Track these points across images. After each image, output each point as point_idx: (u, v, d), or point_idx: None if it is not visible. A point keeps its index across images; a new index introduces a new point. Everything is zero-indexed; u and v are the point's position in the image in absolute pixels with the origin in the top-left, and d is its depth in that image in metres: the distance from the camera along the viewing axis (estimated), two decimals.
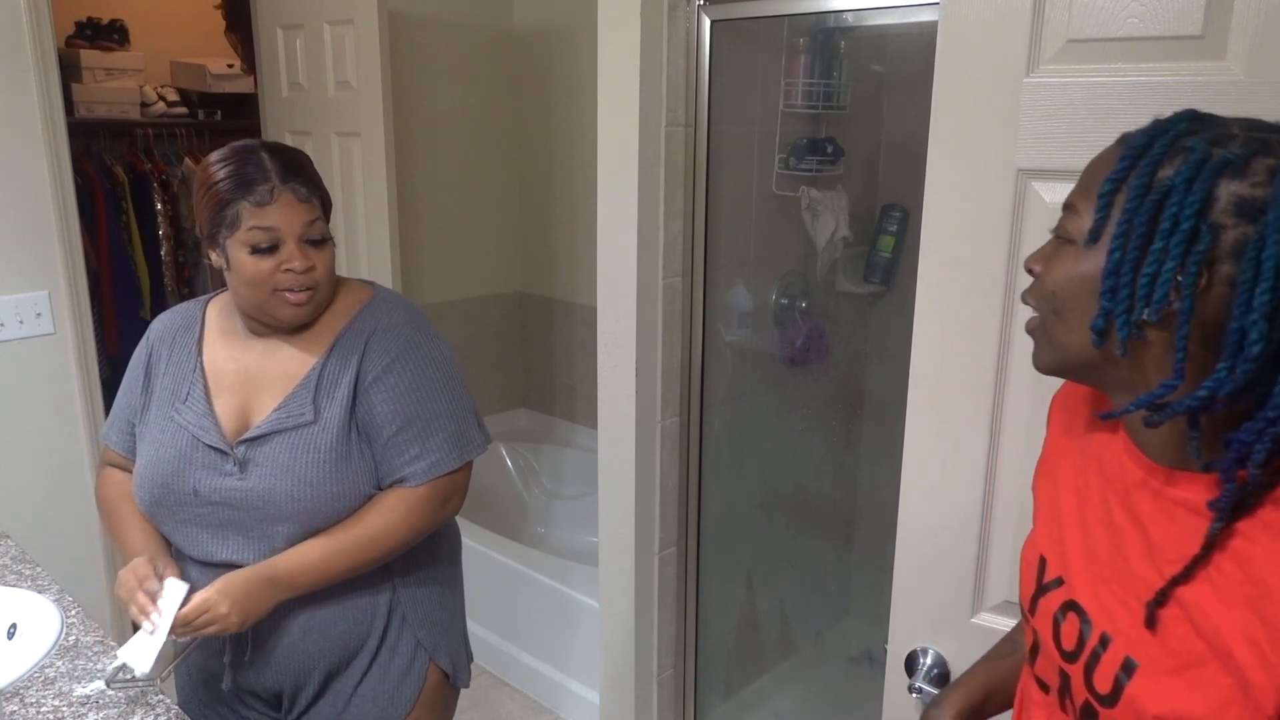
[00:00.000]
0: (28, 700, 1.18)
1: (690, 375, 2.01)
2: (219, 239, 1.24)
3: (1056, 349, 0.73)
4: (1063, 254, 0.72)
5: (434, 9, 3.15)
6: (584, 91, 3.04)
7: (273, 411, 1.28)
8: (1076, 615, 0.74)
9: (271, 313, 1.26)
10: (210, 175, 1.24)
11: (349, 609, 1.32)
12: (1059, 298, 0.71)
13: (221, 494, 1.25)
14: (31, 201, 2.34)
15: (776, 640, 2.60)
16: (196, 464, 1.27)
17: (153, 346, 1.37)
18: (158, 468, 1.28)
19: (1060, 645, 0.75)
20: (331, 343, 1.31)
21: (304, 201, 1.24)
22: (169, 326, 1.37)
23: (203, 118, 4.08)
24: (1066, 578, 0.76)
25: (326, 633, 1.31)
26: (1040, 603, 0.79)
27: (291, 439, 1.26)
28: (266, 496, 1.24)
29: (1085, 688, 0.72)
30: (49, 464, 2.47)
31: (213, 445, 1.27)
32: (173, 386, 1.32)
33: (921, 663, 1.23)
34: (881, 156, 2.43)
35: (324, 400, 1.28)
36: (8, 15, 2.25)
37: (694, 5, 1.80)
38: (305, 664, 1.32)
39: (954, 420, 1.16)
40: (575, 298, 3.44)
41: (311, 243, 1.25)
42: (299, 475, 1.25)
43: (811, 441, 2.57)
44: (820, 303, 2.42)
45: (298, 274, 1.23)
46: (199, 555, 1.29)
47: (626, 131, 1.82)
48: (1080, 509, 0.78)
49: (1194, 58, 0.96)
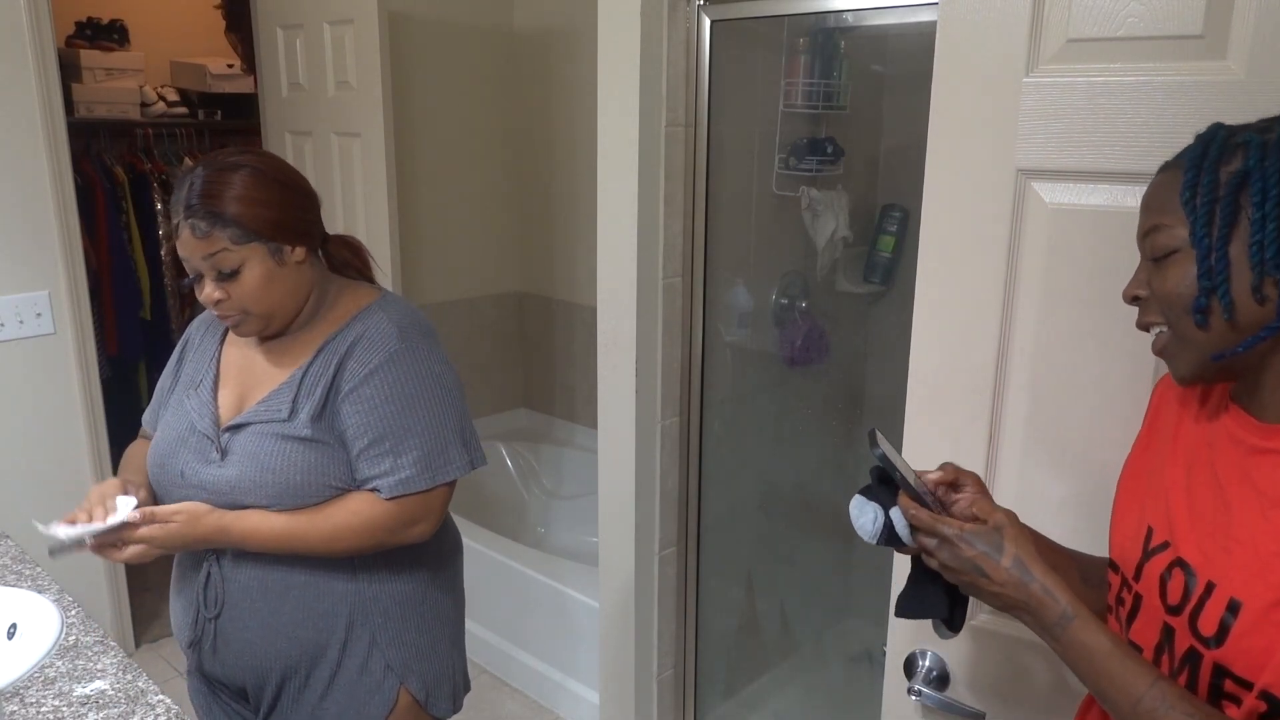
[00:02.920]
0: (28, 700, 1.18)
1: (690, 375, 2.01)
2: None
3: (1198, 349, 0.77)
4: (1169, 265, 0.78)
5: (434, 9, 3.15)
6: (584, 91, 3.04)
7: (257, 404, 1.33)
8: (1182, 570, 0.79)
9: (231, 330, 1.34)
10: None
11: (309, 615, 1.34)
12: (1186, 299, 0.76)
13: (201, 479, 1.31)
14: (31, 201, 2.34)
15: (776, 640, 2.60)
16: (190, 448, 1.33)
17: (189, 336, 1.46)
18: (159, 447, 1.36)
19: (1165, 601, 0.80)
20: (319, 346, 1.33)
21: (201, 238, 1.22)
22: (205, 320, 1.46)
23: (203, 118, 4.08)
24: (1173, 540, 0.81)
25: (285, 634, 1.34)
26: (1146, 567, 0.83)
27: (264, 430, 1.30)
28: (235, 483, 1.29)
29: (1190, 634, 0.77)
30: (49, 464, 2.47)
31: (205, 432, 1.33)
32: (192, 374, 1.40)
33: (920, 665, 1.23)
34: (881, 156, 2.43)
35: (303, 400, 1.31)
36: (8, 15, 2.25)
37: (694, 5, 1.80)
38: (263, 662, 1.35)
39: (954, 420, 1.16)
40: (575, 298, 3.44)
41: (223, 275, 1.24)
42: (264, 463, 1.28)
43: (811, 441, 2.57)
44: (820, 303, 2.42)
45: (212, 305, 1.28)
46: None
47: (626, 131, 1.82)
48: (1188, 480, 0.82)
49: (1194, 57, 0.96)
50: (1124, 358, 1.04)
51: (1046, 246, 1.06)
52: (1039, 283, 1.08)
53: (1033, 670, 1.17)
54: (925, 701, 1.22)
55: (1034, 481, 1.12)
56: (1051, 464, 1.11)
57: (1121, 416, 1.06)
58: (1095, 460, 1.08)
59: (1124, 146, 1.00)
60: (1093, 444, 1.08)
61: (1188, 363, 0.79)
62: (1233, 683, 0.73)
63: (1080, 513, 1.10)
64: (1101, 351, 1.06)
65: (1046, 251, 1.07)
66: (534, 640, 2.66)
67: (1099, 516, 1.09)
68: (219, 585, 1.34)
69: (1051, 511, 1.12)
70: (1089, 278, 1.05)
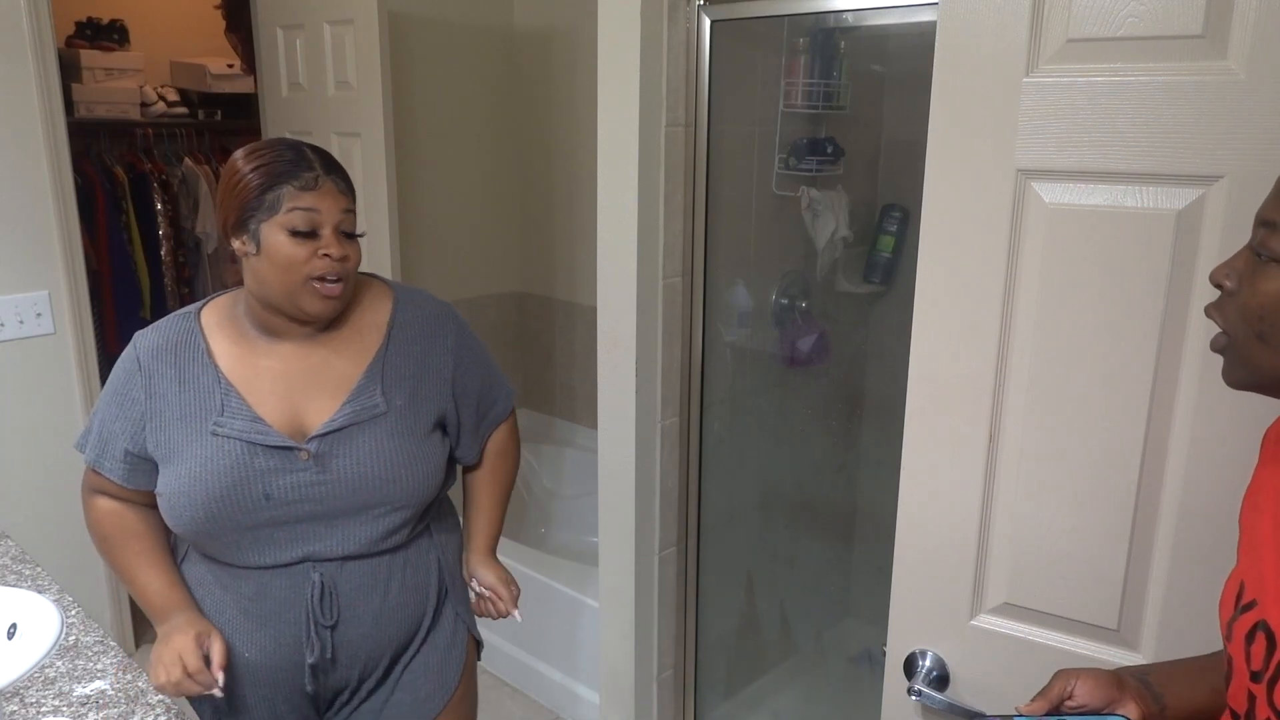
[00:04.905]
0: (28, 700, 1.18)
1: (690, 375, 2.01)
2: (250, 224, 1.23)
3: (1257, 371, 0.71)
4: (1268, 272, 0.69)
5: (434, 9, 3.15)
6: (584, 91, 3.04)
7: (344, 405, 1.29)
8: (1265, 635, 0.72)
9: (299, 304, 1.25)
10: (255, 159, 1.24)
11: (412, 590, 1.37)
12: (1267, 320, 0.69)
13: (299, 491, 1.26)
14: (31, 201, 2.34)
15: (776, 640, 2.60)
16: (260, 469, 1.25)
17: (146, 368, 1.29)
18: (211, 483, 1.24)
19: (1250, 665, 0.74)
20: (385, 336, 1.35)
21: (343, 193, 1.26)
22: (160, 345, 1.30)
23: (203, 118, 4.08)
24: (1260, 600, 0.75)
25: (393, 617, 1.35)
26: (1234, 626, 0.77)
27: (370, 429, 1.29)
28: (358, 484, 1.27)
29: (1268, 705, 0.71)
30: (49, 464, 2.47)
31: (276, 445, 1.26)
32: (197, 403, 1.27)
33: (921, 665, 1.23)
34: (881, 156, 2.43)
35: (392, 390, 1.32)
36: (8, 15, 2.25)
37: (694, 5, 1.80)
38: (377, 652, 1.36)
39: (954, 420, 1.16)
40: (575, 298, 3.44)
41: (346, 235, 1.26)
42: (389, 459, 1.29)
43: (811, 441, 2.57)
44: (820, 303, 2.42)
45: (333, 261, 1.23)
46: (265, 561, 1.29)
47: (626, 131, 1.82)
48: (1277, 533, 0.76)
49: (1194, 57, 0.96)
50: (1125, 357, 1.04)
51: (1046, 246, 1.06)
52: (1039, 283, 1.08)
53: (1033, 670, 1.17)
54: (925, 701, 1.22)
55: (1034, 481, 1.12)
56: (1051, 464, 1.11)
57: (1122, 416, 1.06)
58: (1095, 460, 1.08)
59: (1124, 146, 1.00)
60: (1093, 444, 1.08)
61: (1240, 376, 0.73)
62: None
63: (1080, 513, 1.10)
64: (1102, 351, 1.05)
65: (1046, 251, 1.06)
66: (534, 640, 2.66)
67: (1099, 516, 1.09)
68: (332, 592, 1.30)
69: (1051, 511, 1.12)
70: (1089, 278, 1.05)
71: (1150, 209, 1.00)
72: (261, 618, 1.30)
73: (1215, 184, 0.96)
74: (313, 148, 1.28)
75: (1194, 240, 0.98)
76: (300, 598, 1.30)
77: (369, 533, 1.30)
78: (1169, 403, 1.03)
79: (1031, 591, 1.15)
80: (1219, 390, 0.82)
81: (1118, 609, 1.10)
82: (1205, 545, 1.03)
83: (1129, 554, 1.08)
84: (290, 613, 1.30)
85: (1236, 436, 0.98)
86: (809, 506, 2.61)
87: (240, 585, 1.30)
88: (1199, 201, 0.98)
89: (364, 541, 1.31)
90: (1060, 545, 1.12)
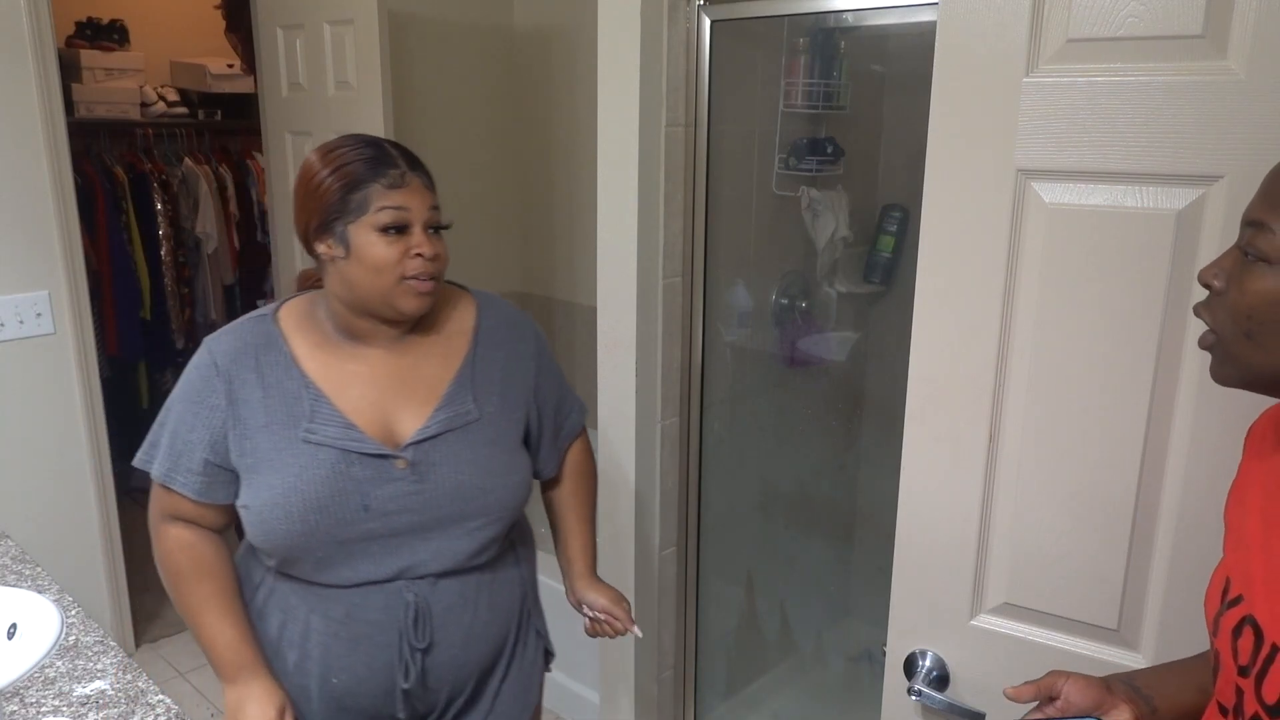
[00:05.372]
0: (28, 700, 1.18)
1: (690, 375, 2.01)
2: (336, 227, 1.19)
3: (1245, 369, 0.72)
4: (1256, 272, 0.70)
5: (434, 9, 3.15)
6: (584, 91, 3.04)
7: (436, 411, 1.25)
8: (1252, 629, 0.73)
9: (394, 304, 1.21)
10: (335, 159, 1.20)
11: (499, 610, 1.33)
12: (1255, 320, 0.70)
13: (398, 501, 1.21)
14: (31, 201, 2.34)
15: (776, 640, 2.60)
16: (357, 478, 1.19)
17: (225, 371, 1.22)
18: (307, 494, 1.18)
19: (1237, 660, 0.75)
20: (472, 342, 1.32)
21: (429, 189, 1.24)
22: (238, 348, 1.24)
23: (203, 118, 4.08)
24: (1246, 595, 0.76)
25: (481, 637, 1.31)
26: (1221, 621, 0.78)
27: (464, 436, 1.25)
28: (456, 494, 1.23)
29: (1255, 699, 0.71)
30: (49, 464, 2.47)
31: (372, 453, 1.20)
32: (284, 409, 1.21)
33: (921, 665, 1.23)
34: (881, 156, 2.43)
35: (482, 397, 1.29)
36: (8, 15, 2.25)
37: (694, 5, 1.80)
38: (464, 674, 1.31)
39: (954, 421, 1.16)
40: (575, 298, 3.44)
41: (435, 230, 1.24)
42: (485, 467, 1.25)
43: (811, 441, 2.57)
44: (820, 303, 2.42)
45: (426, 260, 1.20)
46: (358, 577, 1.22)
47: (626, 131, 1.82)
48: (1265, 528, 0.77)
49: (1194, 57, 0.96)
50: (1125, 357, 1.04)
51: (1046, 246, 1.06)
52: (1039, 283, 1.08)
53: (1033, 670, 1.17)
54: (925, 701, 1.22)
55: (1034, 481, 1.12)
56: (1052, 464, 1.11)
57: (1122, 416, 1.06)
58: (1096, 460, 1.08)
59: (1124, 146, 1.00)
60: (1093, 444, 1.08)
61: (1228, 373, 0.74)
62: None
63: (1080, 512, 1.10)
64: (1102, 351, 1.05)
65: (1046, 251, 1.06)
66: None
67: (1099, 516, 1.09)
68: (426, 612, 1.24)
69: (1051, 511, 1.12)
70: (1089, 278, 1.05)
71: (1150, 209, 1.00)
72: (352, 641, 1.23)
73: (1215, 184, 0.96)
74: (391, 143, 1.25)
75: (1194, 240, 0.98)
76: (393, 619, 1.23)
77: (464, 546, 1.25)
78: (1169, 403, 1.03)
79: (1031, 591, 1.15)
80: (1218, 390, 0.82)
81: (1118, 609, 1.10)
82: (1205, 545, 1.03)
83: (1129, 554, 1.08)
84: (382, 635, 1.23)
85: (1236, 436, 0.98)
86: (809, 506, 2.61)
87: (329, 607, 1.23)
88: (1199, 201, 0.98)
89: (459, 556, 1.25)
90: (1060, 545, 1.12)
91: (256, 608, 1.29)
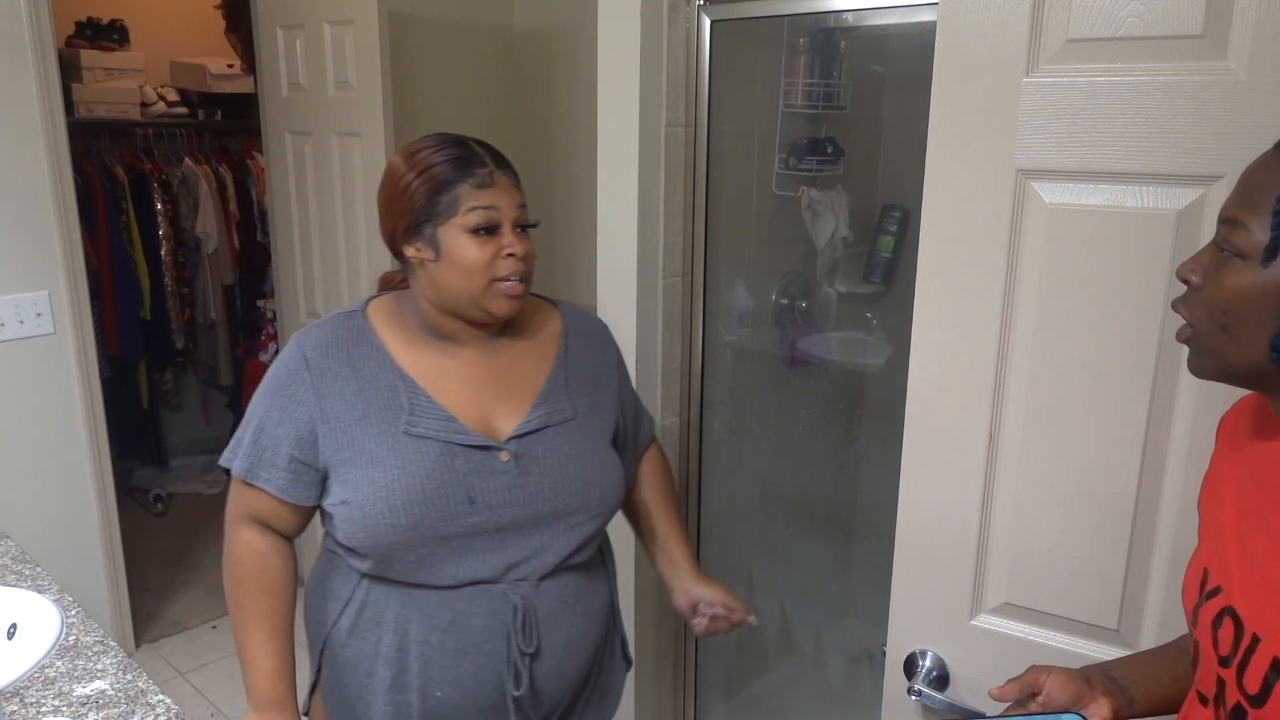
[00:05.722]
0: (28, 700, 1.18)
1: (690, 375, 2.01)
2: (425, 230, 1.18)
3: (1221, 362, 0.73)
4: (1231, 267, 0.71)
5: (434, 9, 3.15)
6: (584, 91, 3.04)
7: (534, 407, 1.25)
8: (1232, 620, 0.74)
9: (485, 306, 1.20)
10: (421, 161, 1.19)
11: (595, 616, 1.32)
12: (1230, 314, 0.71)
13: (502, 495, 1.19)
14: (31, 201, 2.34)
15: (776, 640, 2.60)
16: (461, 470, 1.18)
17: (315, 366, 1.21)
18: (411, 486, 1.16)
19: (1217, 650, 0.76)
20: (563, 344, 1.33)
21: (517, 187, 1.23)
22: (328, 342, 1.23)
23: (203, 118, 4.08)
24: (1225, 586, 0.77)
25: (580, 643, 1.29)
26: (1200, 612, 0.79)
27: (563, 431, 1.26)
28: (558, 487, 1.22)
29: (1237, 689, 0.73)
30: (49, 464, 2.47)
31: (476, 445, 1.19)
32: (381, 402, 1.19)
33: (921, 665, 1.23)
34: (881, 156, 2.42)
35: (575, 397, 1.30)
36: (8, 15, 2.25)
37: (694, 5, 1.80)
38: (564, 681, 1.28)
39: (953, 421, 1.16)
40: (575, 297, 3.40)
41: (522, 229, 1.23)
42: (586, 462, 1.26)
43: (811, 441, 2.57)
44: (820, 303, 2.42)
45: (517, 260, 1.19)
46: (463, 575, 1.19)
47: (626, 131, 1.82)
48: (1240, 519, 0.78)
49: (1194, 57, 0.96)
50: (1125, 358, 1.04)
51: (1046, 246, 1.06)
52: (1039, 283, 1.08)
53: None
54: (925, 701, 1.22)
55: (1034, 481, 1.12)
56: (1051, 464, 1.11)
57: (1122, 417, 1.06)
58: (1095, 460, 1.08)
59: (1124, 146, 1.00)
60: (1093, 444, 1.08)
61: (1205, 365, 0.75)
62: None
63: (1080, 513, 1.10)
64: (1102, 351, 1.05)
65: (1046, 251, 1.07)
66: None
67: (1098, 516, 1.09)
68: (532, 617, 1.22)
69: (1051, 511, 1.12)
70: (1089, 278, 1.05)
71: (1150, 209, 1.00)
72: (460, 650, 1.20)
73: (1215, 184, 0.96)
74: (477, 141, 1.24)
75: (1194, 240, 0.98)
76: (500, 624, 1.20)
77: (565, 543, 1.24)
78: (1169, 402, 1.03)
79: (1031, 591, 1.15)
80: (1218, 390, 0.82)
81: (1117, 609, 1.10)
82: None
83: (1129, 554, 1.08)
84: (490, 643, 1.20)
85: None
86: (809, 506, 2.61)
87: (434, 614, 1.20)
88: (1199, 201, 0.98)
89: (561, 553, 1.23)
90: (1060, 545, 1.12)
91: (346, 628, 1.24)
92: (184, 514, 3.91)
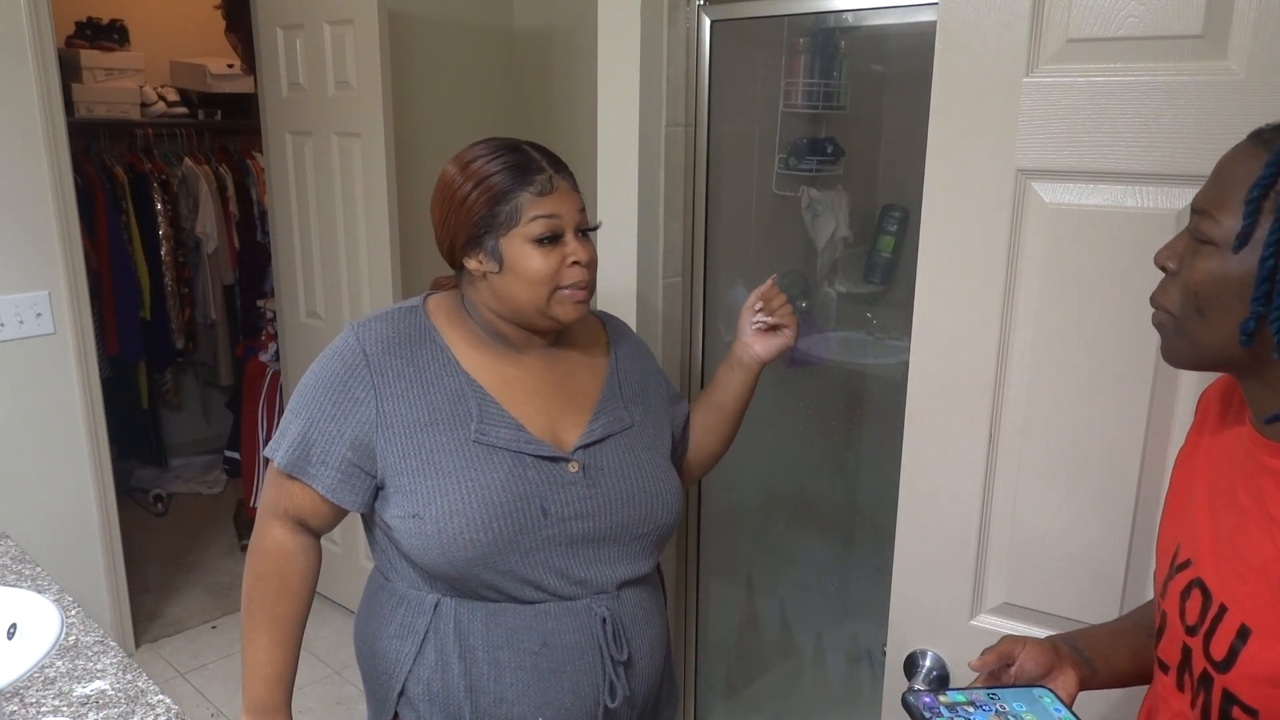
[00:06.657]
0: (28, 700, 1.18)
1: (690, 375, 2.01)
2: (487, 241, 1.15)
3: (1195, 346, 0.76)
4: (1204, 254, 0.73)
5: (434, 9, 3.15)
6: (584, 91, 3.04)
7: (596, 417, 1.23)
8: (1200, 591, 0.78)
9: (550, 314, 1.17)
10: (477, 171, 1.16)
11: (661, 610, 1.31)
12: (1202, 298, 0.73)
13: (574, 506, 1.16)
14: (31, 201, 2.34)
15: (776, 640, 2.60)
16: (532, 480, 1.14)
17: (376, 363, 1.15)
18: (490, 500, 1.12)
19: (1184, 620, 0.79)
20: (610, 351, 1.33)
21: (576, 191, 1.20)
22: (390, 338, 1.18)
23: (203, 118, 4.08)
24: (1195, 559, 0.80)
25: (659, 652, 1.28)
26: (1170, 585, 0.83)
27: (624, 440, 1.24)
28: (626, 498, 1.20)
29: (1204, 656, 0.76)
30: (49, 464, 2.47)
31: (546, 456, 1.16)
32: (449, 407, 1.15)
33: (921, 665, 1.23)
34: (881, 156, 2.42)
35: (631, 405, 1.29)
36: (8, 15, 2.25)
37: (694, 5, 1.80)
38: (651, 683, 1.27)
39: (953, 420, 1.16)
40: None
41: (584, 233, 1.20)
42: (649, 470, 1.23)
43: (811, 441, 2.57)
44: (820, 303, 2.42)
45: (583, 267, 1.16)
46: (545, 589, 1.16)
47: (626, 131, 1.82)
48: (1211, 496, 0.81)
49: (1194, 57, 0.96)
50: (1124, 357, 1.04)
51: (1046, 246, 1.06)
52: (1039, 283, 1.08)
53: None
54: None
55: (1034, 481, 1.12)
56: (1051, 464, 1.11)
57: (1121, 416, 1.06)
58: (1095, 460, 1.08)
59: (1124, 146, 1.00)
60: (1092, 443, 1.08)
61: (1179, 348, 0.77)
62: (1240, 710, 0.72)
63: (1080, 513, 1.10)
64: (1102, 351, 1.05)
65: (1046, 251, 1.07)
66: None
67: (1098, 516, 1.09)
68: (620, 626, 1.20)
69: (1051, 511, 1.12)
70: (1089, 277, 1.05)
71: (1150, 209, 1.00)
72: (555, 671, 1.16)
73: None
74: (531, 144, 1.21)
75: None
76: (591, 639, 1.17)
77: (635, 553, 1.22)
78: (1169, 402, 1.03)
79: (1031, 591, 1.15)
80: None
81: (1118, 609, 1.10)
82: None
83: (1129, 554, 1.08)
84: (583, 658, 1.17)
85: None
86: (809, 506, 2.61)
87: (523, 638, 1.16)
88: None
89: (633, 563, 1.22)
90: (1060, 545, 1.12)
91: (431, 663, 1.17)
92: (184, 514, 3.91)
